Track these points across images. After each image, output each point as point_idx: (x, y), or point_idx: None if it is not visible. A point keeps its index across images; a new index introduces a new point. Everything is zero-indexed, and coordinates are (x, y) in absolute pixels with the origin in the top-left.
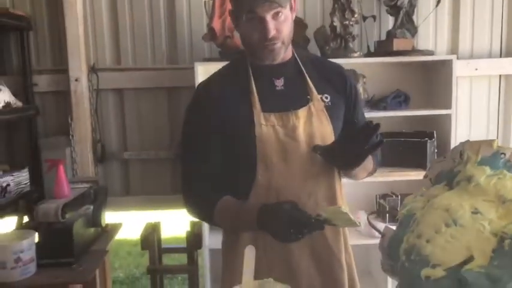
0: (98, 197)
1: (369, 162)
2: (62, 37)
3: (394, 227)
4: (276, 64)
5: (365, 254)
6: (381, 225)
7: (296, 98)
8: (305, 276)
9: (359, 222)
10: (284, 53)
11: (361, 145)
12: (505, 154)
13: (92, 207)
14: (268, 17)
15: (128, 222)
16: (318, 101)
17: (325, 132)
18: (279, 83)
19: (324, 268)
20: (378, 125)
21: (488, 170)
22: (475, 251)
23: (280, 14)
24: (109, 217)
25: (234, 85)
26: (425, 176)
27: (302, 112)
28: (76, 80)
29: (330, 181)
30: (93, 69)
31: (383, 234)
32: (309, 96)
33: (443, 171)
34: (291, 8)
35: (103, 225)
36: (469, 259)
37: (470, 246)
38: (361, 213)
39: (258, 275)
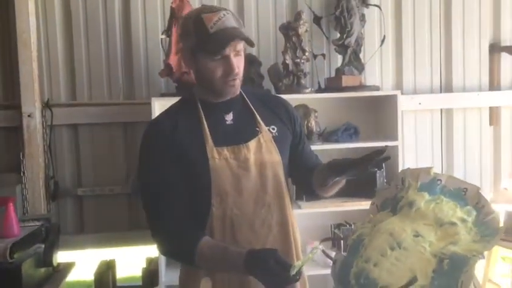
0: (49, 235)
1: None
2: (14, 71)
3: (345, 254)
4: (225, 100)
5: (323, 284)
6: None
7: (246, 131)
8: None
9: (318, 247)
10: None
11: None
12: (441, 180)
13: (43, 246)
14: (232, 55)
15: (82, 262)
16: (266, 132)
17: (275, 161)
18: (229, 118)
19: None
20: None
21: (427, 196)
22: (418, 272)
23: (240, 50)
24: (62, 256)
25: (185, 122)
26: (372, 204)
27: (252, 144)
28: (29, 115)
29: (281, 208)
30: (47, 105)
31: (334, 261)
32: (257, 128)
33: (388, 198)
34: (243, 49)
35: (55, 264)
36: (413, 280)
37: (414, 267)
38: (317, 243)
39: None
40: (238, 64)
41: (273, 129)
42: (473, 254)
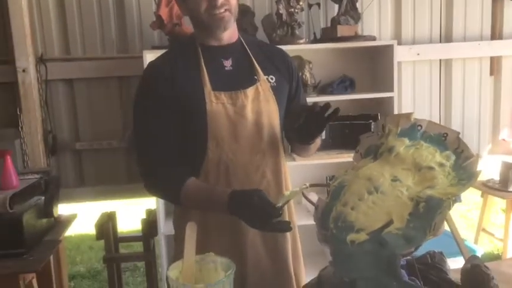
0: (49, 188)
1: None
2: (6, 26)
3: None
4: (224, 45)
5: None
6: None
7: (244, 78)
8: (252, 252)
9: (306, 184)
10: (232, 23)
11: (320, 118)
12: (421, 126)
13: (43, 197)
14: None
15: (85, 214)
16: (265, 82)
17: (271, 111)
18: (228, 64)
19: (270, 245)
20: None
21: (407, 141)
22: (394, 215)
23: None
24: (64, 209)
25: (184, 64)
26: (356, 151)
27: (250, 91)
28: (23, 70)
29: (275, 157)
30: (41, 60)
31: (316, 206)
32: (256, 77)
33: (372, 145)
34: None
35: (55, 215)
36: (389, 223)
37: (390, 211)
38: (313, 194)
39: (207, 250)
40: None
41: (272, 78)
42: (448, 196)
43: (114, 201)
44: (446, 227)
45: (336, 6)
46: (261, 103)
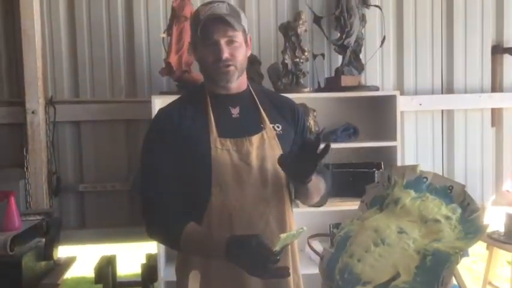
0: (50, 230)
1: (321, 183)
2: (19, 69)
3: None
4: (232, 94)
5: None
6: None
7: (250, 126)
8: None
9: (304, 228)
10: (238, 78)
11: (312, 154)
12: (427, 178)
13: (43, 240)
14: (223, 42)
15: (84, 257)
16: (270, 130)
17: (276, 158)
18: (235, 111)
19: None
20: (321, 137)
21: (412, 193)
22: (401, 268)
23: (235, 41)
24: (64, 251)
25: (192, 111)
26: (362, 201)
27: (255, 138)
28: (33, 112)
29: (280, 205)
30: (50, 102)
31: (322, 257)
32: (262, 125)
33: (377, 196)
34: (245, 43)
35: (55, 258)
36: (396, 276)
37: (397, 263)
38: (316, 242)
39: None
40: (232, 52)
41: (278, 127)
42: (455, 251)
43: (115, 244)
44: (453, 281)
45: (340, 57)
46: (266, 150)
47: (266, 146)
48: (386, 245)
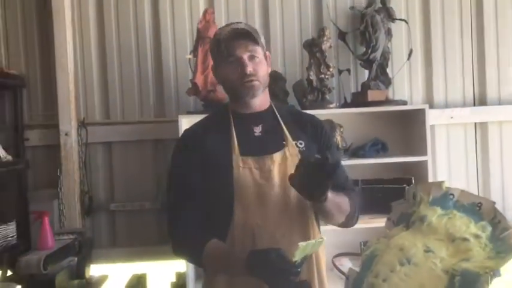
0: (82, 249)
1: (343, 201)
2: (53, 93)
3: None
4: (255, 113)
5: None
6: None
7: (272, 143)
8: None
9: (323, 238)
10: (262, 92)
11: (319, 173)
12: (453, 195)
13: (76, 258)
14: (245, 57)
15: (116, 275)
16: (293, 147)
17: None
18: (257, 130)
19: None
20: (328, 155)
21: (439, 210)
22: None
23: (256, 57)
24: (96, 269)
25: (216, 131)
26: (388, 219)
27: (277, 156)
28: (66, 134)
29: (304, 222)
30: (82, 124)
31: (347, 277)
32: (284, 142)
33: (404, 213)
34: (265, 59)
35: (87, 277)
36: None
37: (423, 284)
38: (345, 259)
39: None
40: (255, 67)
41: (300, 144)
42: (486, 271)
43: (146, 263)
44: None
45: (366, 72)
46: (288, 168)
47: (288, 163)
48: (413, 264)
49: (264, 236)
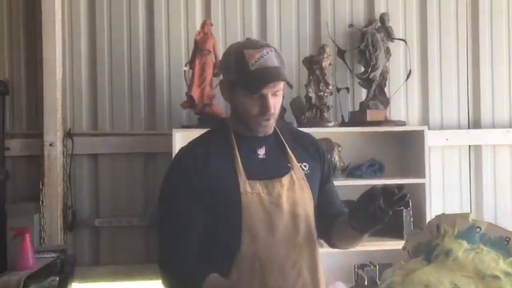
0: (64, 268)
1: None
2: (38, 101)
3: None
4: (259, 136)
5: None
6: None
7: (278, 166)
8: None
9: None
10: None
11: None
12: (480, 228)
13: (57, 278)
14: (270, 94)
15: None
16: (299, 169)
17: (306, 201)
18: (261, 152)
19: None
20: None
21: (465, 244)
22: None
23: (279, 90)
24: None
25: (217, 152)
26: (403, 248)
27: (285, 180)
28: (50, 144)
29: (312, 250)
30: (68, 134)
31: None
32: (289, 165)
33: (421, 244)
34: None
35: None
36: None
37: None
38: (339, 283)
39: None
40: (275, 104)
41: (305, 166)
42: None
43: (131, 282)
44: None
45: (364, 91)
46: (296, 192)
47: (296, 188)
48: None
49: (273, 269)
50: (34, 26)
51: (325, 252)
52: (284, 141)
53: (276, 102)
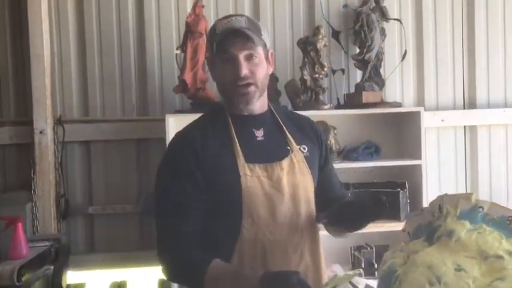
0: (59, 256)
1: None
2: (27, 87)
3: (373, 286)
4: (255, 115)
5: None
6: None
7: (277, 149)
8: None
9: (360, 270)
10: (259, 99)
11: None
12: (483, 208)
13: (52, 267)
14: (241, 57)
15: (92, 282)
16: (298, 152)
17: (307, 184)
18: (259, 134)
19: None
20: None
21: (468, 225)
22: None
23: (254, 57)
24: (72, 277)
25: (214, 135)
26: (403, 230)
27: (285, 162)
28: (41, 132)
29: (313, 235)
30: (59, 121)
31: None
32: (289, 147)
33: (422, 225)
34: (266, 59)
35: (64, 286)
36: None
37: None
38: (336, 266)
39: None
40: (252, 68)
41: (304, 148)
42: None
43: (126, 269)
44: None
45: (359, 72)
46: (297, 175)
47: (296, 171)
48: (443, 284)
49: (276, 251)
50: (19, 9)
51: (321, 234)
52: (282, 123)
53: (252, 67)
